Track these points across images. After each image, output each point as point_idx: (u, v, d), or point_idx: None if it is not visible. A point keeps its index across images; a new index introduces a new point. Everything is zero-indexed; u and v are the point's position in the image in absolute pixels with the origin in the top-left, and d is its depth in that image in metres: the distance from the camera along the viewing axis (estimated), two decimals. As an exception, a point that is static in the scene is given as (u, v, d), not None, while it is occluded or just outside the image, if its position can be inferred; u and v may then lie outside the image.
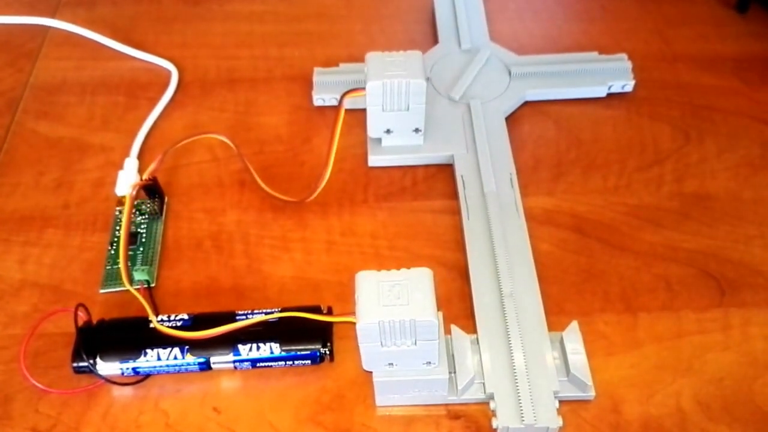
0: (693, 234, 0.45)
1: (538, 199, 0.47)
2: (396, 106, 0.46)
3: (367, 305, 0.33)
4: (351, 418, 0.38)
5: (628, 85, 0.51)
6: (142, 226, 0.46)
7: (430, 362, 0.36)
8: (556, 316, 0.41)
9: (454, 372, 0.38)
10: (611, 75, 0.52)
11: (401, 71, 0.45)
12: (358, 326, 0.33)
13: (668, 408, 0.38)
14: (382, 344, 0.34)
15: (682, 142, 0.49)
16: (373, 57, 0.46)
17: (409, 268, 0.35)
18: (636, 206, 0.46)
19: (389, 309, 0.33)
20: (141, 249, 0.45)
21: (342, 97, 0.46)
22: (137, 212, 0.47)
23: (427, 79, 0.51)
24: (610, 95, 0.52)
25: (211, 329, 0.38)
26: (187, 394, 0.39)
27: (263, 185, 0.47)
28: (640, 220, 0.45)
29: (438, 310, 0.35)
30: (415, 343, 0.34)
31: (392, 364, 0.36)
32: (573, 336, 0.39)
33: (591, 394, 0.38)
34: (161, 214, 0.47)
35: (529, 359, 0.38)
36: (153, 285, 0.44)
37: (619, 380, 0.39)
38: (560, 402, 0.37)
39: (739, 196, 0.46)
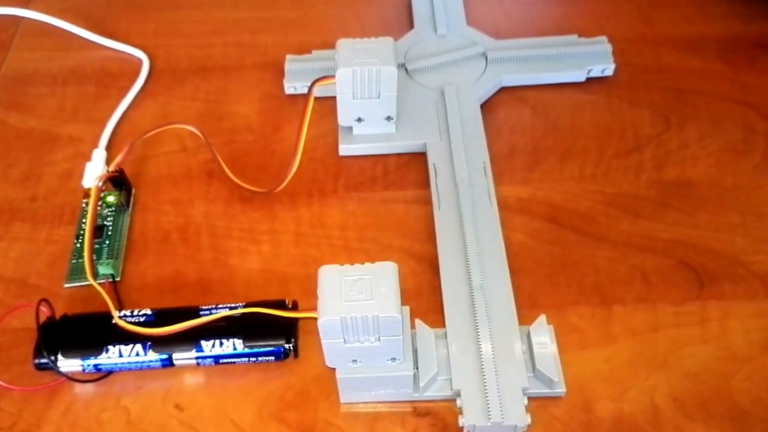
0: (672, 223, 0.43)
1: (512, 188, 0.45)
2: (367, 93, 0.44)
3: (329, 301, 0.32)
4: (315, 416, 0.36)
5: (608, 69, 0.49)
6: (109, 219, 0.44)
7: (394, 359, 0.34)
8: (528, 309, 0.39)
9: (417, 369, 0.36)
10: (591, 59, 0.49)
11: (372, 58, 0.42)
12: (319, 322, 0.31)
13: (642, 404, 0.36)
14: (345, 341, 0.32)
15: (663, 127, 0.47)
16: (343, 44, 0.43)
17: (376, 261, 0.33)
18: (614, 195, 0.44)
19: (352, 305, 0.31)
20: (107, 242, 0.43)
21: (312, 85, 0.44)
22: (104, 205, 0.45)
23: (402, 66, 0.49)
24: (589, 80, 0.50)
25: (173, 326, 0.36)
26: (149, 391, 0.38)
27: (231, 176, 0.45)
28: (618, 209, 0.43)
29: (404, 304, 0.33)
30: (379, 340, 0.33)
31: (356, 360, 0.34)
32: (540, 330, 0.37)
33: (559, 390, 0.36)
34: (128, 207, 0.45)
35: (498, 354, 0.36)
36: (118, 279, 0.42)
37: (591, 376, 0.37)
38: (530, 399, 0.35)
39: (720, 183, 0.44)
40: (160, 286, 0.42)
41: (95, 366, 0.37)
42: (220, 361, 0.37)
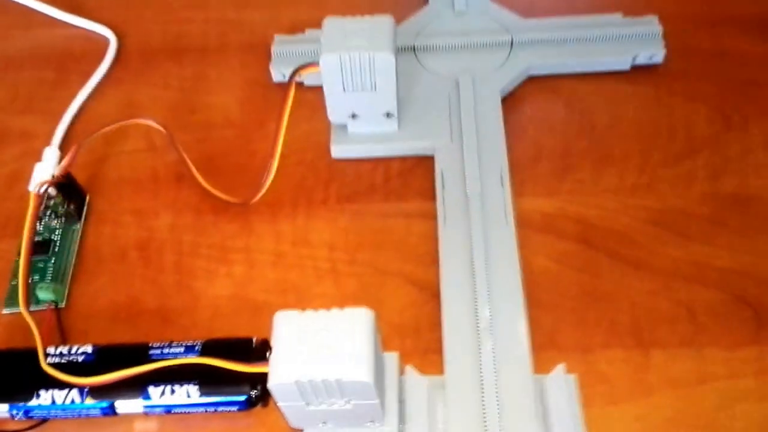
0: (728, 248, 0.39)
1: (536, 200, 0.41)
2: (360, 85, 0.41)
3: (282, 358, 0.29)
4: (282, 481, 0.34)
5: (657, 55, 0.45)
6: (57, 232, 0.42)
7: (372, 421, 0.31)
8: (547, 352, 0.36)
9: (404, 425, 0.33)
10: (637, 43, 0.46)
11: (364, 41, 0.39)
12: (270, 385, 0.29)
13: (681, 477, 0.33)
14: (306, 404, 0.30)
15: (721, 127, 0.43)
16: (331, 23, 0.40)
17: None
18: (659, 211, 0.40)
19: (312, 364, 0.28)
20: (53, 260, 0.41)
21: (293, 73, 0.41)
22: (52, 215, 0.43)
23: (411, 49, 0.46)
24: (634, 68, 0.46)
25: (110, 374, 0.34)
26: (90, 444, 0.35)
27: (202, 182, 0.42)
28: (663, 230, 0.40)
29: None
30: (349, 403, 0.30)
31: (326, 422, 0.31)
32: (558, 382, 0.34)
33: (580, 459, 0.33)
34: (79, 218, 0.43)
35: (505, 412, 0.33)
36: (62, 305, 0.40)
37: (621, 438, 0.34)
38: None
39: (790, 198, 0.40)
40: (112, 314, 0.39)
41: (25, 412, 0.35)
42: (172, 410, 0.35)
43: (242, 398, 0.34)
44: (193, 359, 0.34)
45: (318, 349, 0.28)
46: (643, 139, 0.43)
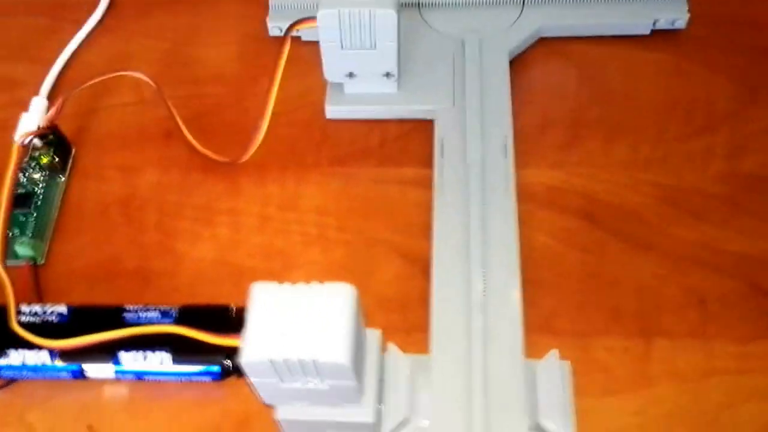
0: (745, 232, 0.36)
1: (540, 172, 0.39)
2: (359, 42, 0.38)
3: (256, 334, 0.26)
4: (254, 456, 0.32)
5: (680, 20, 0.42)
6: (40, 186, 0.40)
7: (349, 401, 0.29)
8: (542, 336, 0.34)
9: (383, 405, 0.31)
10: (659, 5, 0.42)
11: (366, -4, 0.37)
12: (241, 361, 0.26)
13: (677, 477, 0.30)
14: (280, 380, 0.27)
15: (746, 101, 0.40)
16: (330, -26, 0.38)
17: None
18: (672, 189, 0.38)
19: (286, 341, 0.26)
20: (35, 215, 0.39)
21: (289, 28, 0.39)
22: (36, 167, 0.40)
23: (415, 5, 0.43)
24: (655, 33, 0.43)
25: (80, 338, 0.32)
26: (59, 406, 0.34)
27: (191, 139, 0.40)
28: (675, 209, 0.37)
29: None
30: (325, 383, 0.27)
31: (300, 400, 0.29)
32: (550, 368, 0.31)
33: (569, 452, 0.30)
34: (63, 172, 0.41)
35: (493, 397, 0.31)
36: (41, 262, 0.38)
37: (616, 431, 0.31)
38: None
39: (816, 179, 0.37)
40: (91, 274, 0.38)
41: (-6, 371, 0.33)
42: (144, 377, 0.33)
43: (216, 369, 0.33)
44: (164, 327, 0.32)
45: (295, 327, 0.26)
46: (660, 110, 0.40)
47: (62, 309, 0.34)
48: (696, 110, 0.40)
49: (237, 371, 0.33)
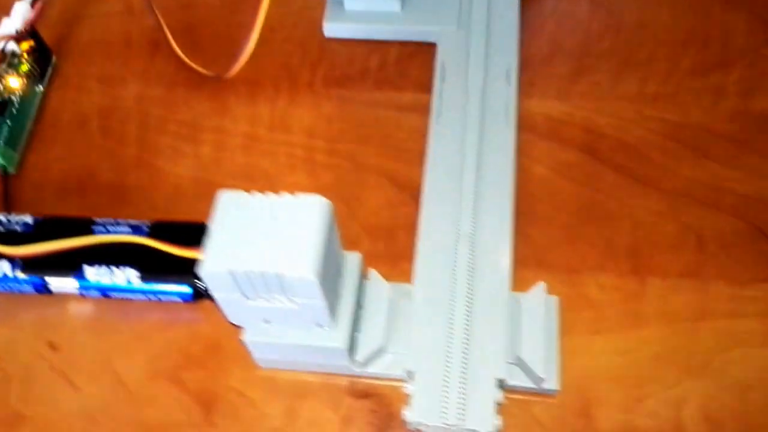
0: (752, 173, 0.34)
1: (544, 102, 0.37)
2: (358, -47, 0.36)
3: (218, 244, 0.25)
4: (222, 381, 0.31)
5: (701, -51, 0.39)
6: (17, 94, 0.38)
7: (320, 324, 0.27)
8: (532, 270, 0.32)
9: (359, 332, 0.29)
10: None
11: None
12: (200, 272, 0.25)
13: (662, 420, 0.29)
14: (246, 297, 0.26)
15: (762, 40, 0.38)
16: None
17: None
18: (679, 125, 0.35)
19: (250, 254, 0.24)
20: (8, 122, 0.37)
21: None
22: (15, 74, 0.38)
23: None
24: (674, -38, 0.40)
25: (40, 244, 0.30)
26: (20, 321, 0.33)
27: (178, 51, 0.38)
28: (681, 146, 0.35)
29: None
30: (293, 302, 0.26)
31: (268, 321, 0.27)
32: (536, 301, 0.29)
33: (549, 386, 0.29)
34: (42, 80, 0.39)
35: (474, 329, 0.29)
36: (12, 172, 0.36)
37: (600, 371, 0.30)
38: (509, 391, 0.29)
39: (829, 122, 0.35)
40: (64, 186, 0.36)
41: (-46, 281, 0.32)
42: (109, 294, 0.31)
43: (188, 290, 0.31)
44: (129, 238, 0.30)
45: (260, 238, 0.24)
46: (673, 44, 0.38)
47: (28, 219, 0.32)
48: (711, 45, 0.38)
49: (210, 294, 0.31)
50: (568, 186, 0.34)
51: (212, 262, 0.24)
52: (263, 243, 0.24)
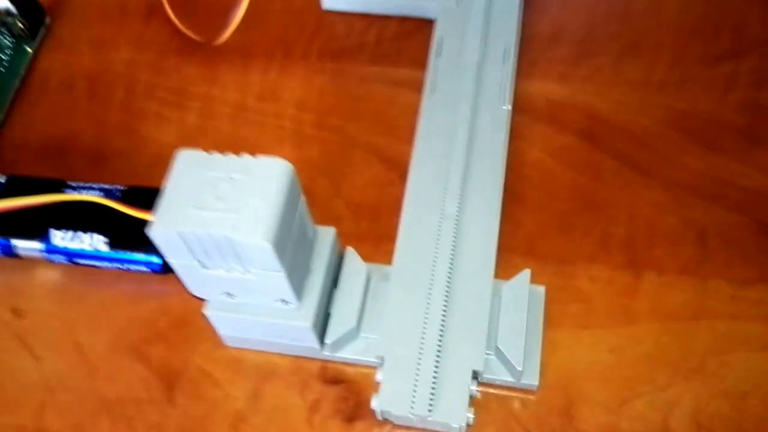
0: (759, 167, 0.32)
1: (544, 84, 0.35)
2: None
3: (170, 203, 0.23)
4: (187, 357, 0.29)
5: (719, -67, 0.37)
6: (7, 51, 0.37)
7: (284, 300, 0.26)
8: (520, 258, 0.30)
9: (330, 314, 0.27)
10: None
11: None
12: (150, 232, 0.23)
13: (649, 424, 0.27)
14: (201, 264, 0.24)
15: (779, 28, 0.35)
16: None
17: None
18: (684, 114, 0.33)
19: (200, 215, 0.23)
20: (-5, 81, 0.36)
21: None
22: (6, 33, 0.37)
23: None
24: (689, -55, 0.38)
25: (4, 200, 0.29)
26: (-16, 285, 0.31)
27: (172, 16, 0.37)
28: (685, 136, 0.33)
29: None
30: (250, 273, 0.24)
31: (230, 294, 0.26)
32: (519, 290, 0.27)
33: (529, 381, 0.27)
34: (34, 40, 0.37)
35: (451, 316, 0.27)
36: (-6, 132, 0.35)
37: (586, 368, 0.28)
38: (486, 385, 0.27)
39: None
40: (45, 148, 0.35)
41: None
42: (76, 260, 0.30)
43: (157, 260, 0.29)
44: (88, 197, 0.29)
45: (215, 199, 0.23)
46: (683, 31, 0.36)
47: (0, 178, 0.31)
48: (721, 34, 0.35)
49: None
50: (564, 172, 0.32)
51: (161, 222, 0.23)
52: (217, 204, 0.23)
